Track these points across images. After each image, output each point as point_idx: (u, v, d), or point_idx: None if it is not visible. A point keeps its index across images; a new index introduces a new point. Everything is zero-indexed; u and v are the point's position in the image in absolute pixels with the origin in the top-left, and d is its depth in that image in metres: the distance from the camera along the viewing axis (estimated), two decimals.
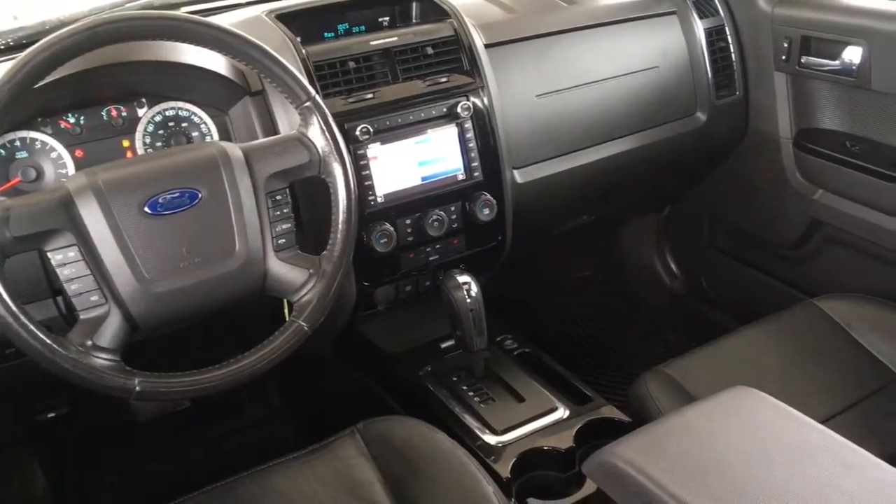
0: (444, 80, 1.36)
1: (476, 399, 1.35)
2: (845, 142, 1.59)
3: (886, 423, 1.26)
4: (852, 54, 1.52)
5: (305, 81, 1.06)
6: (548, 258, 2.16)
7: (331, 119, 1.07)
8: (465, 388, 1.38)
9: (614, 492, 0.91)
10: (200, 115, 1.22)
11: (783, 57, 1.63)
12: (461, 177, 1.37)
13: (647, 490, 0.86)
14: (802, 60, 1.60)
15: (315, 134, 1.05)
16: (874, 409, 1.28)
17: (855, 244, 1.63)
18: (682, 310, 2.05)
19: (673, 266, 2.09)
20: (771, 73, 1.67)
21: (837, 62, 1.55)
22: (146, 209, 0.96)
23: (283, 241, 1.04)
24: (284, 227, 1.05)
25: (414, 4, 1.46)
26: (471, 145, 1.37)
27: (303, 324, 1.04)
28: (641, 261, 2.12)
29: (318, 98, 1.06)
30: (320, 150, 1.05)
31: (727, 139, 1.76)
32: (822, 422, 1.22)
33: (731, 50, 1.69)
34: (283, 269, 1.04)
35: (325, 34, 1.39)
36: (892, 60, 1.45)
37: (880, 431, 1.24)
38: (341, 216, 1.06)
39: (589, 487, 1.18)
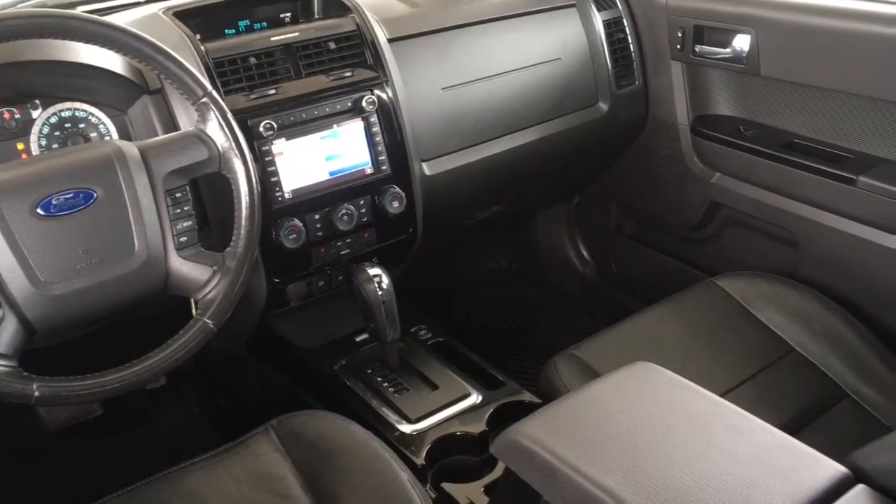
0: (347, 74, 1.37)
1: (391, 389, 1.37)
2: (739, 126, 1.66)
3: (782, 392, 1.32)
4: (742, 42, 1.59)
5: (201, 76, 1.06)
6: (463, 250, 2.19)
7: (229, 114, 1.06)
8: (379, 379, 1.40)
9: (520, 469, 0.94)
10: (98, 115, 1.20)
11: (678, 46, 1.69)
12: (369, 170, 1.38)
13: (549, 464, 0.89)
14: (696, 49, 1.67)
15: (213, 130, 1.05)
16: (771, 379, 1.35)
17: (751, 224, 1.70)
18: (594, 294, 2.11)
19: (584, 253, 2.15)
20: (668, 63, 1.73)
21: (728, 50, 1.62)
22: (39, 211, 0.94)
23: (185, 238, 1.04)
24: (185, 224, 1.04)
25: (316, 0, 1.46)
26: (377, 139, 1.38)
27: (208, 321, 1.03)
28: (554, 249, 2.17)
29: (214, 93, 1.05)
30: (220, 147, 1.05)
31: (629, 127, 1.81)
32: (723, 394, 1.29)
33: (630, 41, 1.74)
34: (185, 268, 1.03)
35: (226, 31, 1.38)
36: (778, 47, 1.53)
37: (776, 400, 1.30)
38: (244, 212, 1.06)
39: (500, 468, 1.21)
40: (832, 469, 0.87)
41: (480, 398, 1.35)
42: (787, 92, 1.57)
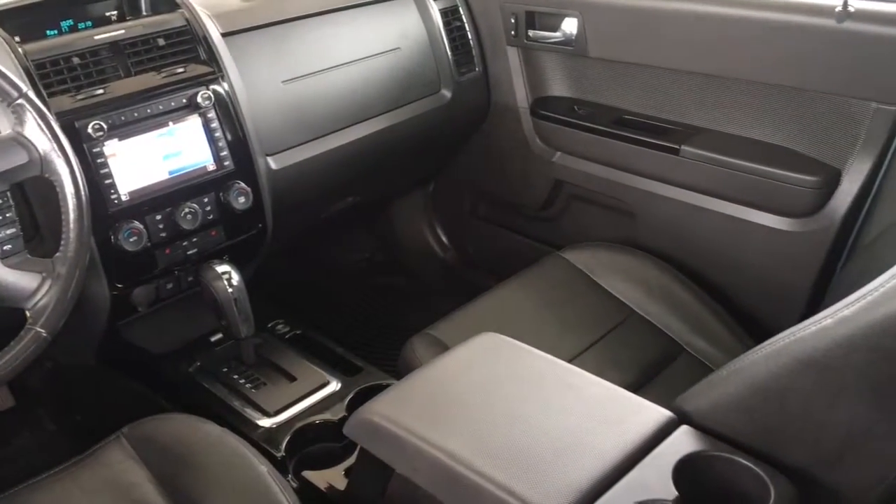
0: (180, 70, 1.34)
1: (248, 385, 1.36)
2: (574, 106, 1.74)
3: (626, 352, 1.40)
4: (570, 26, 1.67)
5: (15, 77, 1.01)
6: (325, 243, 2.19)
7: (49, 115, 1.03)
8: (235, 376, 1.38)
9: (372, 445, 0.96)
10: None
11: (512, 32, 1.75)
12: (211, 167, 1.36)
13: (398, 437, 0.92)
14: (530, 34, 1.74)
15: (32, 132, 1.01)
16: (615, 342, 1.43)
17: (592, 198, 1.79)
18: (455, 278, 2.16)
19: (443, 238, 2.19)
20: (504, 48, 1.79)
21: (559, 34, 1.70)
22: None
23: (9, 247, 1.00)
24: (9, 232, 1.00)
25: None
26: (217, 135, 1.36)
27: (41, 330, 0.99)
28: (414, 237, 2.21)
29: (30, 94, 1.01)
30: (40, 150, 1.01)
31: (473, 113, 1.87)
32: (571, 359, 1.36)
33: (467, 28, 1.79)
34: (11, 277, 0.99)
35: (48, 32, 1.33)
36: (603, 28, 1.61)
37: (621, 360, 1.38)
38: (71, 215, 1.03)
39: None
40: (658, 414, 0.94)
41: (340, 385, 1.37)
42: (613, 71, 1.66)
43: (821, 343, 0.79)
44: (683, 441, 0.89)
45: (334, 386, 1.36)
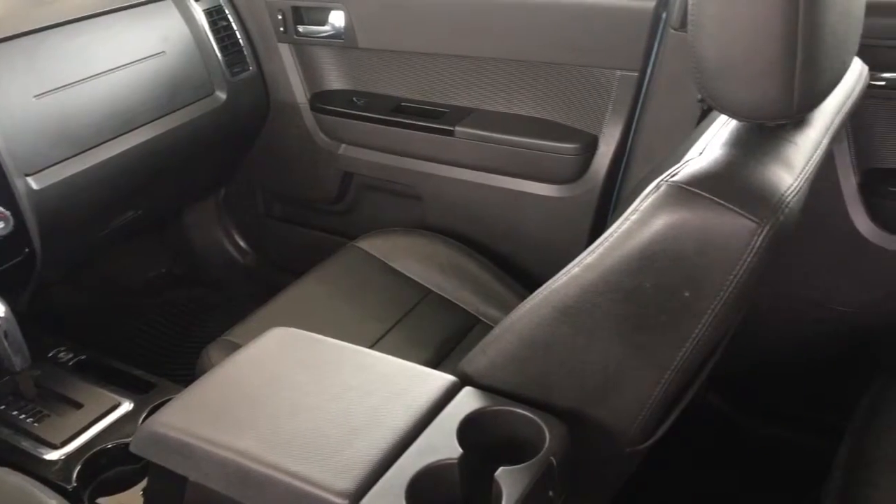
0: None
1: (29, 420, 1.28)
2: (352, 98, 1.76)
3: (425, 331, 1.44)
4: (337, 18, 1.69)
5: None
6: (116, 261, 2.07)
7: None
8: (15, 412, 1.29)
9: (161, 458, 0.93)
10: None
11: (281, 29, 1.75)
12: None
13: (186, 444, 0.90)
14: (299, 30, 1.74)
15: None
16: (414, 322, 1.46)
17: (382, 186, 1.82)
18: (258, 281, 2.12)
19: (241, 243, 2.15)
20: (276, 45, 1.78)
21: (328, 27, 1.71)
22: None
23: None
24: None
25: None
26: None
27: None
28: (210, 245, 2.14)
29: None
30: None
31: (253, 113, 1.84)
32: (372, 344, 1.38)
33: (235, 28, 1.76)
34: None
35: None
36: (368, 19, 1.64)
37: (421, 339, 1.41)
38: None
39: None
40: (443, 380, 0.97)
41: (133, 405, 1.31)
42: (384, 60, 1.69)
43: (571, 290, 0.85)
44: (466, 402, 0.93)
45: (126, 407, 1.31)
